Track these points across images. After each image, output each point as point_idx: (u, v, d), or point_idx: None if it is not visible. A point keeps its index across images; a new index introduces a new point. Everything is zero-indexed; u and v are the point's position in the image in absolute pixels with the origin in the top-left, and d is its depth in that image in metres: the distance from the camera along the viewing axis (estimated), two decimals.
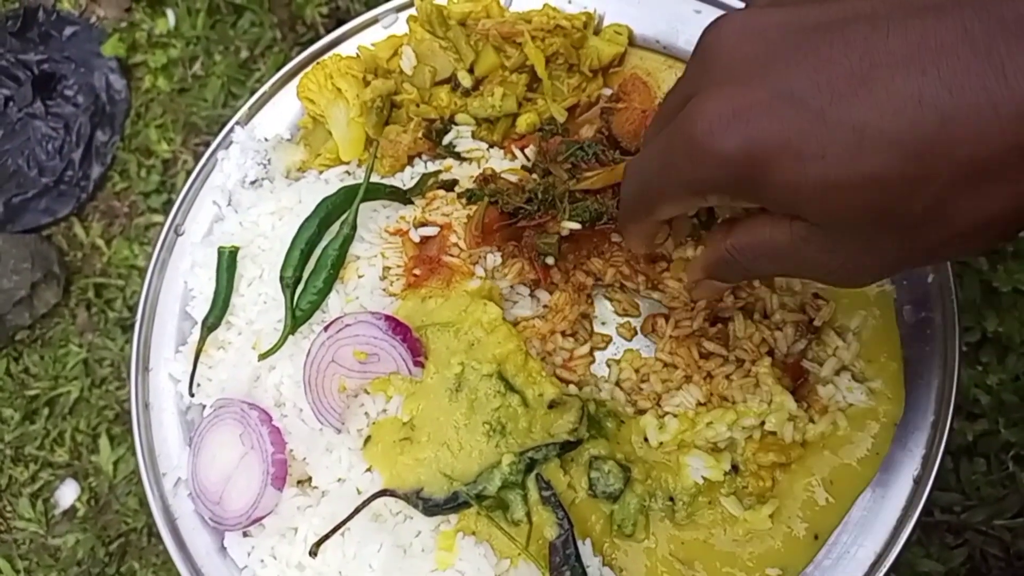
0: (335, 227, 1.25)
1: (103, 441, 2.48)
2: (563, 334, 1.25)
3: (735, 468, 1.15)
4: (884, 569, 1.08)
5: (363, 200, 1.25)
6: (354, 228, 1.23)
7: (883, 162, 0.64)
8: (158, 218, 2.67)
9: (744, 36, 0.72)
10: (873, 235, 0.70)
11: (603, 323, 1.28)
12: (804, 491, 1.15)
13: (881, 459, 1.14)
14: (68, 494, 2.50)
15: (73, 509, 2.48)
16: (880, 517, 1.12)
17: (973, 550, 2.03)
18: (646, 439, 1.17)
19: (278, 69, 1.44)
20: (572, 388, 1.21)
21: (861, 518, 1.13)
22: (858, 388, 1.15)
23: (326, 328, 1.15)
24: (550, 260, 1.22)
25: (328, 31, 2.69)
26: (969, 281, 2.12)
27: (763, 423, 1.14)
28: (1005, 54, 0.60)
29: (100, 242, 2.66)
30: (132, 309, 2.60)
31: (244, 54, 2.74)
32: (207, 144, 2.80)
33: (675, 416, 1.16)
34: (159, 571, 2.36)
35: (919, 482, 1.11)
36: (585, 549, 1.11)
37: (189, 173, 2.64)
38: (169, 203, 2.67)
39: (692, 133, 0.71)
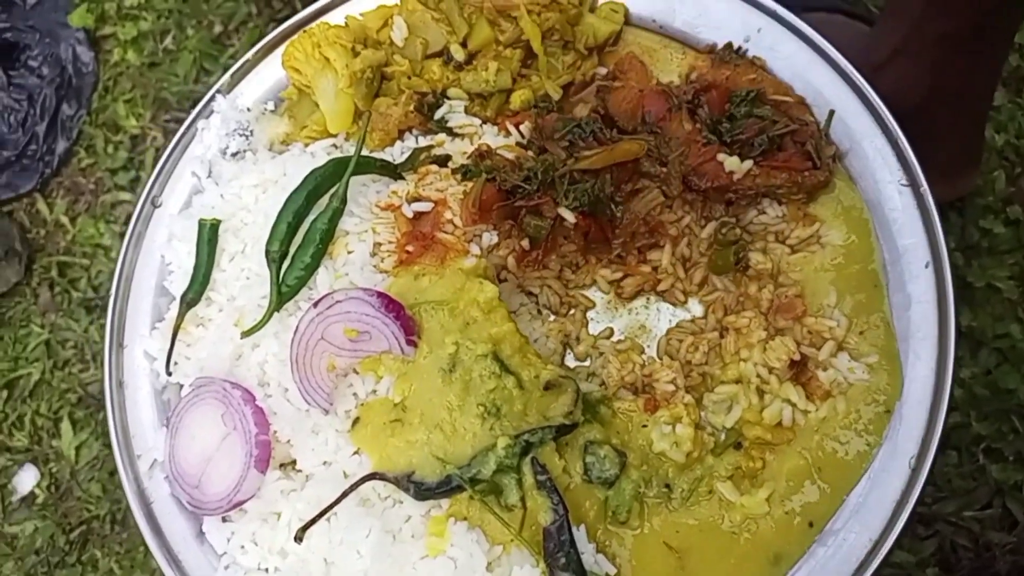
0: (324, 200, 1.21)
1: (65, 425, 2.39)
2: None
3: (739, 445, 1.13)
4: (881, 556, 1.07)
5: (353, 173, 1.20)
6: (344, 202, 1.19)
7: None
8: (125, 195, 2.58)
9: None
10: None
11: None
12: (797, 478, 1.14)
13: (875, 449, 1.13)
14: (27, 480, 2.41)
15: (32, 495, 2.39)
16: (876, 503, 1.11)
17: (943, 540, 2.05)
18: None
19: (252, 45, 1.38)
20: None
21: (856, 505, 1.12)
22: (858, 367, 1.15)
23: (315, 304, 1.11)
24: (525, 244, 1.20)
25: (305, 6, 2.63)
26: None
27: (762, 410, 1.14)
28: None
29: (64, 219, 2.57)
30: (97, 289, 2.51)
31: (218, 28, 2.66)
32: (177, 120, 2.71)
33: (681, 424, 1.14)
34: (122, 559, 2.29)
35: (916, 469, 1.11)
36: (579, 535, 1.09)
37: (158, 150, 2.56)
38: (137, 180, 2.58)
39: None
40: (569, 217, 1.16)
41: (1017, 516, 1.95)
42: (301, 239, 1.18)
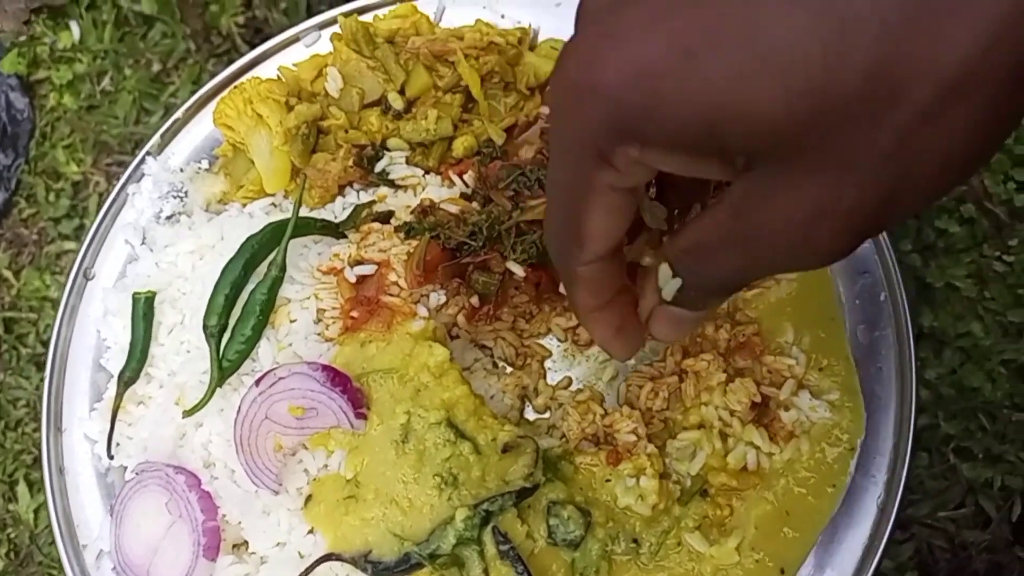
0: (262, 268, 1.16)
1: (21, 488, 2.30)
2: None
3: (705, 492, 1.11)
4: None
5: (292, 236, 1.16)
6: (283, 269, 1.14)
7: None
8: (70, 245, 2.50)
9: None
10: (808, 167, 0.57)
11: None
12: (766, 524, 1.12)
13: (841, 490, 1.11)
14: None
15: None
16: (846, 545, 1.09)
17: (920, 543, 2.05)
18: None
19: (193, 82, 1.32)
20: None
21: (826, 549, 1.10)
22: (819, 405, 1.13)
23: (257, 382, 1.06)
24: (475, 301, 1.16)
25: (246, 42, 2.56)
26: (903, 277, 2.14)
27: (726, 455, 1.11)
28: None
29: (7, 273, 2.47)
30: (46, 344, 2.43)
31: (156, 67, 2.58)
32: (120, 164, 2.64)
33: (645, 476, 1.11)
34: None
35: (883, 508, 1.09)
36: None
37: (102, 195, 2.48)
38: (81, 228, 2.50)
39: (566, 78, 0.60)
40: (518, 271, 1.13)
41: (990, 513, 1.95)
42: (240, 310, 1.13)
